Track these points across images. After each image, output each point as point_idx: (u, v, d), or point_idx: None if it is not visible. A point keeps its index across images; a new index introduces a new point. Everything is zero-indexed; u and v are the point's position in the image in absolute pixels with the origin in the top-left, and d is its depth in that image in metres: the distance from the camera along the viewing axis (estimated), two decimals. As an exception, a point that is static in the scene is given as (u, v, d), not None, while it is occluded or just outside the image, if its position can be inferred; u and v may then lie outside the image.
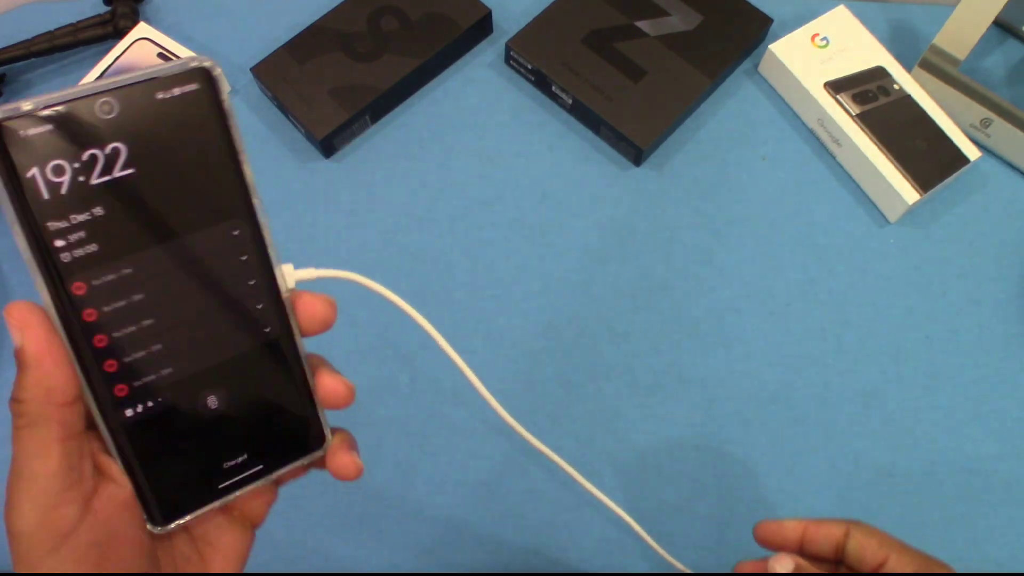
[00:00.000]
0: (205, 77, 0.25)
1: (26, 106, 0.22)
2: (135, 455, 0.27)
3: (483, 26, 0.65)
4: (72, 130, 0.23)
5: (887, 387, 0.56)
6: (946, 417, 0.55)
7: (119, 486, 0.27)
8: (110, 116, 0.24)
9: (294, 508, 0.53)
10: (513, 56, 0.64)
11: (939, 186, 0.59)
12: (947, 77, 0.60)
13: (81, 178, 0.24)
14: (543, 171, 0.62)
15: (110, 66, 0.63)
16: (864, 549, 0.36)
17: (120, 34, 0.65)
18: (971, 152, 0.59)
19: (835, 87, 0.61)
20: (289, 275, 0.28)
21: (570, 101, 0.62)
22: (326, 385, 0.30)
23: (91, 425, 0.26)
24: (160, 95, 0.24)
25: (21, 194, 0.23)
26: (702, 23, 0.63)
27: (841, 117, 0.60)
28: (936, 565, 0.35)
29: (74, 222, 0.24)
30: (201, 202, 0.26)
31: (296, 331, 0.29)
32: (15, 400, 0.25)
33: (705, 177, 0.62)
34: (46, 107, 0.23)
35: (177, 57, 0.63)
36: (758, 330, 0.57)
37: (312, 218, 0.61)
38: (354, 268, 0.59)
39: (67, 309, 0.25)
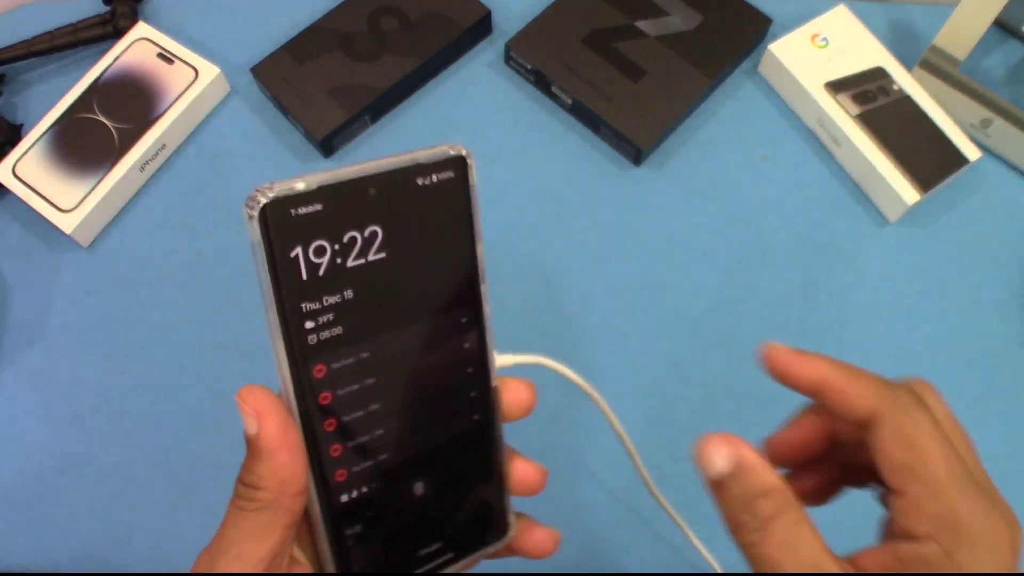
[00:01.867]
0: (460, 165, 0.25)
1: (299, 185, 0.22)
2: (341, 541, 0.26)
3: (483, 26, 0.65)
4: (337, 211, 0.23)
5: (887, 387, 0.56)
6: (946, 417, 0.55)
7: (303, 567, 0.27)
8: (372, 199, 0.24)
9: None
10: (513, 56, 0.64)
11: (939, 186, 0.59)
12: (947, 77, 0.60)
13: (339, 260, 0.23)
14: (543, 171, 0.62)
15: (110, 66, 0.63)
16: (887, 458, 0.25)
17: (120, 34, 0.65)
18: (971, 152, 0.59)
19: (835, 87, 0.61)
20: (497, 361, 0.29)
21: (570, 101, 0.62)
22: (521, 471, 0.29)
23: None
24: (420, 181, 0.25)
25: (281, 273, 0.23)
26: (702, 23, 0.63)
27: (841, 117, 0.60)
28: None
29: (326, 304, 0.24)
30: (440, 288, 0.26)
31: (499, 417, 0.29)
32: (246, 485, 0.25)
33: (705, 177, 0.62)
34: (318, 187, 0.22)
35: (177, 57, 0.63)
36: (758, 330, 0.57)
37: (312, 218, 0.61)
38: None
39: (306, 392, 0.24)
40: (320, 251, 0.23)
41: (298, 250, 0.23)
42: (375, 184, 0.24)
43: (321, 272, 0.23)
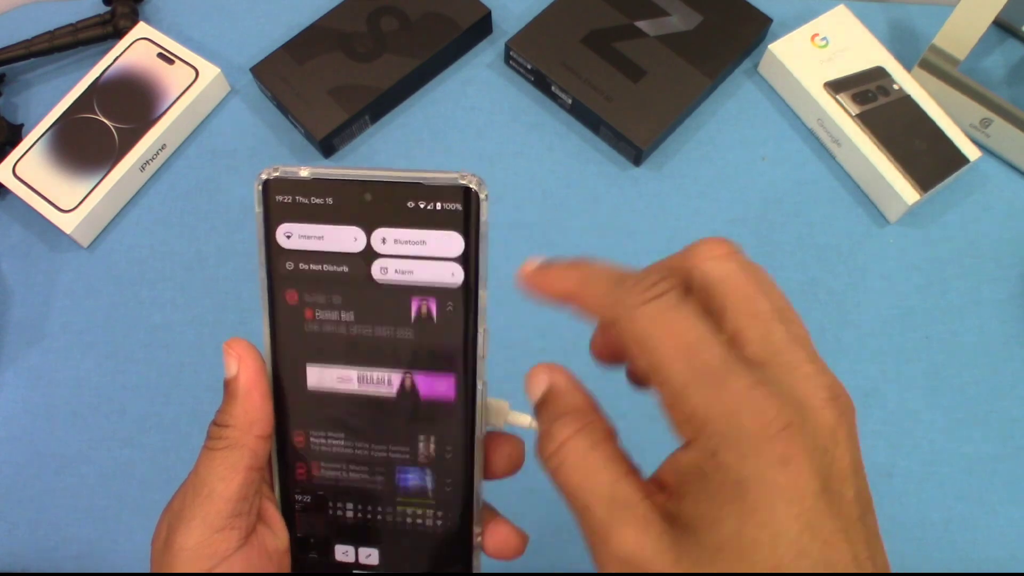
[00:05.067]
0: (468, 198, 0.24)
1: (301, 172, 0.25)
2: (289, 502, 0.28)
3: (483, 26, 0.65)
4: (328, 204, 0.25)
5: (887, 387, 0.56)
6: (946, 417, 0.55)
7: (274, 534, 0.28)
8: (365, 204, 0.25)
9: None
10: (513, 56, 0.64)
11: (939, 186, 0.59)
12: (947, 77, 0.60)
13: (320, 246, 0.25)
14: (543, 171, 0.62)
15: (110, 66, 0.63)
16: (632, 365, 0.26)
17: (120, 34, 0.65)
18: (971, 152, 0.59)
19: (835, 87, 0.61)
20: (500, 413, 0.28)
21: (570, 101, 0.62)
22: (499, 535, 0.28)
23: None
24: (420, 203, 0.24)
25: (270, 239, 0.25)
26: (702, 23, 0.63)
27: (841, 117, 0.60)
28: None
29: (300, 276, 0.25)
30: (423, 325, 0.26)
31: (479, 470, 0.27)
32: (218, 424, 0.27)
33: (705, 177, 0.62)
34: (314, 177, 0.25)
35: (177, 57, 0.63)
36: (758, 330, 0.57)
37: (312, 218, 0.61)
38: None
39: (278, 348, 0.27)
40: (304, 233, 0.25)
41: (286, 226, 0.25)
42: (371, 191, 0.24)
43: (302, 248, 0.25)
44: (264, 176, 0.25)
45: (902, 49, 0.65)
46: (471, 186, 0.24)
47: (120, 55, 0.64)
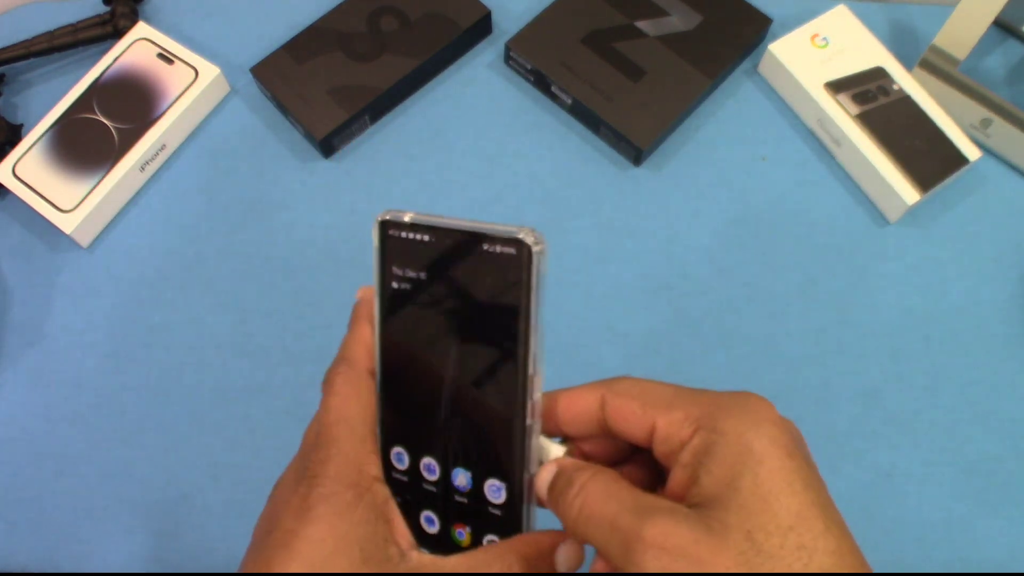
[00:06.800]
0: (522, 249, 0.27)
1: (407, 217, 0.29)
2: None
3: (483, 26, 0.65)
4: (420, 245, 0.29)
5: (887, 387, 0.56)
6: (946, 417, 0.55)
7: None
8: (443, 249, 0.29)
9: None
10: (513, 56, 0.64)
11: (939, 186, 0.59)
12: (947, 77, 0.60)
13: (414, 279, 0.29)
14: (543, 171, 0.62)
15: (110, 66, 0.63)
16: (624, 422, 0.28)
17: (120, 34, 0.65)
18: (971, 152, 0.59)
19: (835, 87, 0.61)
20: (548, 449, 0.30)
21: (570, 101, 0.62)
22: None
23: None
24: (486, 248, 0.28)
25: (383, 267, 0.30)
26: (702, 23, 0.63)
27: (841, 117, 0.60)
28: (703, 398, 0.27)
29: (401, 294, 0.30)
30: (480, 365, 0.29)
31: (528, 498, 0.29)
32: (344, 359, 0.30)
33: (705, 177, 0.62)
34: (412, 222, 0.29)
35: (177, 57, 0.63)
36: (758, 330, 0.57)
37: (312, 218, 0.61)
38: (353, 268, 0.59)
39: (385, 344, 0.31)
40: (403, 264, 0.30)
41: (391, 259, 0.30)
42: (451, 237, 0.28)
43: (403, 275, 0.30)
44: (378, 217, 0.30)
45: (902, 49, 0.65)
46: (518, 236, 0.27)
47: (120, 55, 0.64)
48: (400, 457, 0.30)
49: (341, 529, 0.26)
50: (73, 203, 0.59)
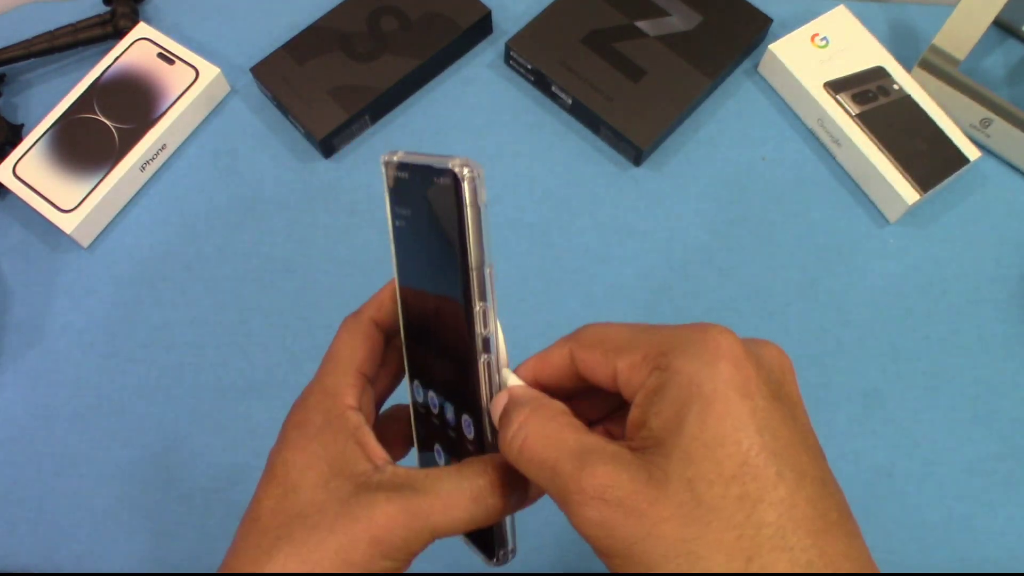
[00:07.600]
0: (453, 178, 0.27)
1: (396, 156, 0.30)
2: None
3: (483, 26, 0.65)
4: (402, 181, 0.30)
5: (887, 387, 0.56)
6: (946, 417, 0.55)
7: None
8: (410, 183, 0.29)
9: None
10: (513, 56, 0.64)
11: (939, 186, 0.59)
12: (947, 77, 0.60)
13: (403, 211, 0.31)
14: (543, 171, 0.62)
15: (110, 66, 0.63)
16: (592, 372, 0.27)
17: (120, 34, 0.65)
18: (971, 152, 0.59)
19: (835, 87, 0.61)
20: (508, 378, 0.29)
21: (570, 101, 0.62)
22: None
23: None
24: (436, 181, 0.28)
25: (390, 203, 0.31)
26: (702, 23, 0.63)
27: (841, 117, 0.60)
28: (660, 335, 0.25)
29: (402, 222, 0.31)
30: (441, 289, 0.29)
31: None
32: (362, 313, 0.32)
33: (705, 177, 0.62)
34: (402, 163, 0.30)
35: (177, 57, 0.63)
36: (758, 330, 0.57)
37: (312, 218, 0.61)
38: (353, 268, 0.59)
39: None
40: (396, 203, 0.31)
41: (392, 199, 0.31)
42: (419, 173, 0.29)
43: (399, 212, 0.31)
44: (384, 158, 0.31)
45: (902, 49, 0.65)
46: (447, 166, 0.27)
47: (120, 55, 0.64)
48: (418, 391, 0.32)
49: (309, 449, 0.28)
50: (73, 203, 0.59)
